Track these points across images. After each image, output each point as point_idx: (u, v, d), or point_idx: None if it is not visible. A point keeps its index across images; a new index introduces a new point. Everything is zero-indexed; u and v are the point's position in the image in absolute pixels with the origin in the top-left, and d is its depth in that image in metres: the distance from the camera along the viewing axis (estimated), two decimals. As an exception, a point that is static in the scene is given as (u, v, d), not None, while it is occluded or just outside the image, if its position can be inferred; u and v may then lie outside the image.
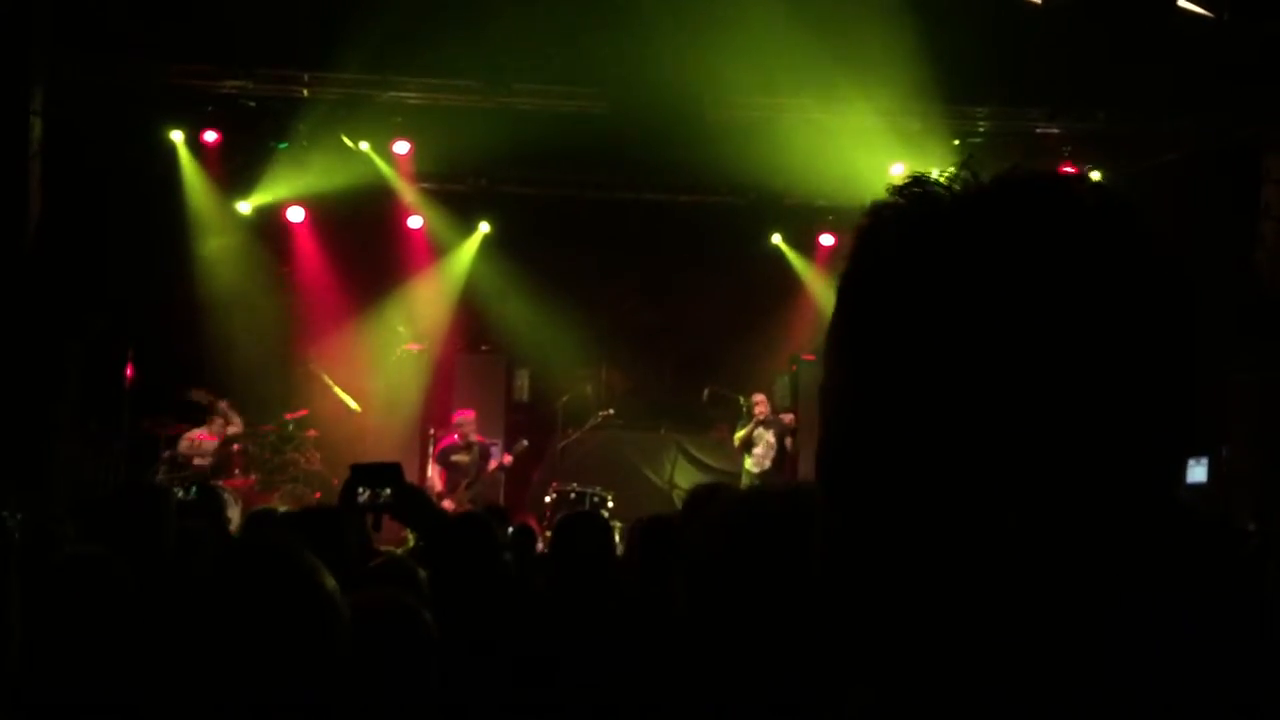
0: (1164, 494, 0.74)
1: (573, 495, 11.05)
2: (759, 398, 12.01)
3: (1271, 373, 9.99)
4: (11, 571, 2.43)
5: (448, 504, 10.98)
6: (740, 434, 11.97)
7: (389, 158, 12.42)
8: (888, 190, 0.77)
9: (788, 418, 12.14)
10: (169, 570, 3.31)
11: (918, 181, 0.77)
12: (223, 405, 11.20)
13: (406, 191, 12.92)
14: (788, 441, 11.87)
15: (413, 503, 3.33)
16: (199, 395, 11.16)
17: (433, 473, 11.75)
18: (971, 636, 0.72)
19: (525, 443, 12.20)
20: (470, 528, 3.68)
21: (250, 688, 1.58)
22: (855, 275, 0.78)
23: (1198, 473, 10.82)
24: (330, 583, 1.66)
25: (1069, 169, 11.79)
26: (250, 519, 5.99)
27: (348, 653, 1.65)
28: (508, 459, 11.86)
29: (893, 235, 0.76)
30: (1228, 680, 0.69)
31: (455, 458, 11.56)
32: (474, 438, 11.67)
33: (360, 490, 3.21)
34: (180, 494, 6.47)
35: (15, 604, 2.39)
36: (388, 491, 3.21)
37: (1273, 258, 10.28)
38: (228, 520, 7.05)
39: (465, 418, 11.74)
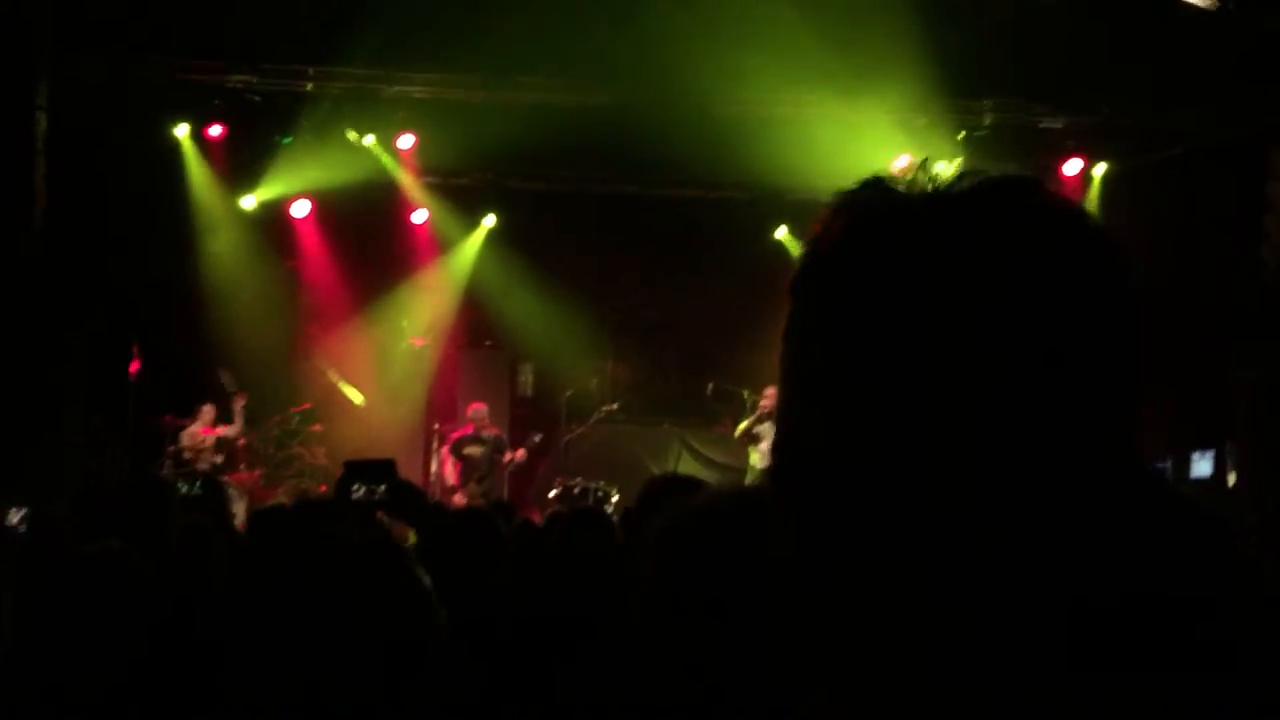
0: (1153, 488, 0.73)
1: (576, 490, 11.06)
2: (769, 391, 11.97)
3: (1277, 368, 9.97)
4: (10, 570, 2.43)
5: (459, 497, 11.00)
6: (742, 426, 11.93)
7: (394, 152, 12.41)
8: (848, 190, 0.77)
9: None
10: (174, 566, 3.31)
11: (877, 182, 0.77)
12: (238, 403, 11.23)
13: (411, 186, 12.91)
14: None
15: (408, 498, 3.33)
16: (226, 379, 11.20)
17: (447, 465, 11.70)
18: (936, 639, 0.70)
19: (539, 437, 12.16)
20: (473, 523, 3.68)
21: (357, 679, 1.57)
22: (818, 269, 0.77)
23: (1203, 467, 10.80)
24: (427, 579, 1.66)
25: (1077, 159, 11.84)
26: (257, 516, 5.99)
27: (441, 649, 1.66)
28: (521, 454, 11.80)
29: (856, 232, 0.76)
30: (1213, 676, 0.68)
31: (468, 450, 11.49)
32: (488, 430, 11.63)
33: (355, 486, 3.22)
34: (185, 489, 6.47)
35: (7, 601, 2.39)
36: (382, 488, 3.22)
37: (1277, 253, 10.25)
38: (232, 515, 7.05)
39: (479, 410, 11.71)
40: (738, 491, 1.64)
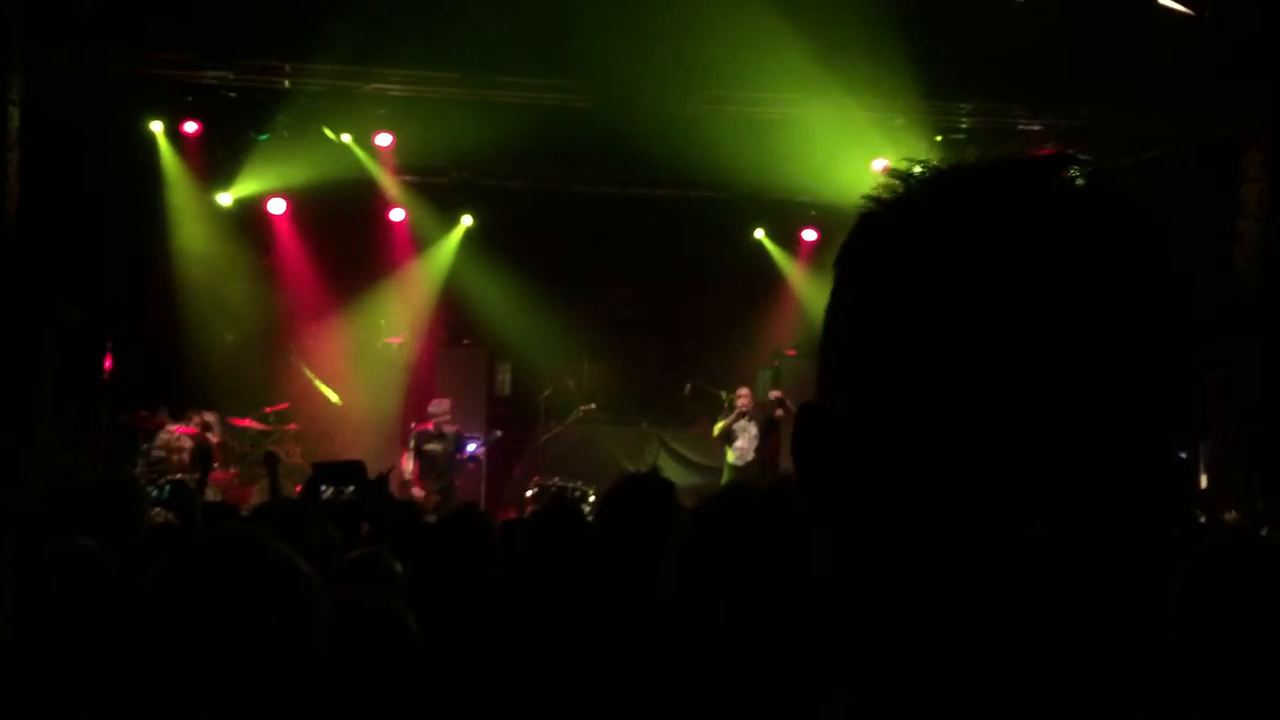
0: (1183, 499, 0.70)
1: (554, 489, 11.04)
2: (743, 391, 12.00)
3: (1249, 369, 10.05)
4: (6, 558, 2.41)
5: (416, 492, 10.98)
6: (720, 426, 11.93)
7: (371, 150, 12.38)
8: (873, 187, 0.74)
9: (776, 393, 12.01)
10: (139, 564, 3.28)
11: (903, 174, 0.74)
12: (210, 418, 11.17)
13: (388, 184, 12.88)
14: (778, 413, 11.65)
15: (376, 499, 3.31)
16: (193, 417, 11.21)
17: (406, 460, 11.65)
18: (975, 649, 0.69)
19: (499, 433, 12.27)
20: (466, 522, 3.64)
21: (230, 674, 1.56)
22: (852, 274, 0.73)
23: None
24: (305, 566, 1.65)
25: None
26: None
27: (326, 637, 1.64)
28: (479, 450, 11.85)
29: (893, 231, 0.72)
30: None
31: (428, 446, 11.38)
32: (448, 427, 11.58)
33: (323, 488, 3.21)
34: (155, 493, 6.41)
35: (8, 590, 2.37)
36: (351, 489, 3.21)
37: (1250, 255, 10.34)
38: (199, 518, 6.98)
39: (440, 405, 11.63)
40: (768, 487, 1.62)
